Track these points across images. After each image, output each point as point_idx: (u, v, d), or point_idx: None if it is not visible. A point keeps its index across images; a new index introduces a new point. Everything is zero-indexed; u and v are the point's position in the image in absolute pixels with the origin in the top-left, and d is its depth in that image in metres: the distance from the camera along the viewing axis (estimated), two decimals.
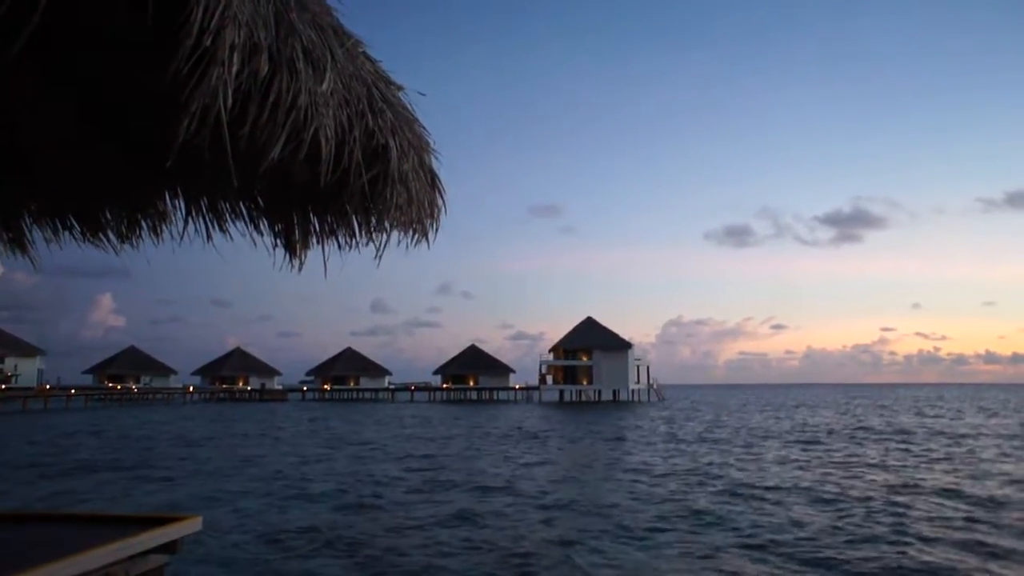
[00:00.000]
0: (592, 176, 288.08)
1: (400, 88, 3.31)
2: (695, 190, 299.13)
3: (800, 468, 18.91)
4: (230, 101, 1.80)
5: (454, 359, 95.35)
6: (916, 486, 15.55)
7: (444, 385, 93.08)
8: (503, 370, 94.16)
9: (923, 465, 19.56)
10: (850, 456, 21.94)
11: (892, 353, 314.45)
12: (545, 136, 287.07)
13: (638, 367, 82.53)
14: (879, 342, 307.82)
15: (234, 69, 1.77)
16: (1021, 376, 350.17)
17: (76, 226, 3.92)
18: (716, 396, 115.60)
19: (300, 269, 4.35)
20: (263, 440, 29.16)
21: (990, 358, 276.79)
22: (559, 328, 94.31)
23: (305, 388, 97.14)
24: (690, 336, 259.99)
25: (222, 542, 10.05)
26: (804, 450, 23.95)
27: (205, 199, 3.63)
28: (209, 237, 3.73)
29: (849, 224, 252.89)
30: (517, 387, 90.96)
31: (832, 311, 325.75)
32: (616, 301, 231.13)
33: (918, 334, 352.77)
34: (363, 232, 3.72)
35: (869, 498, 13.92)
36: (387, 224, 3.47)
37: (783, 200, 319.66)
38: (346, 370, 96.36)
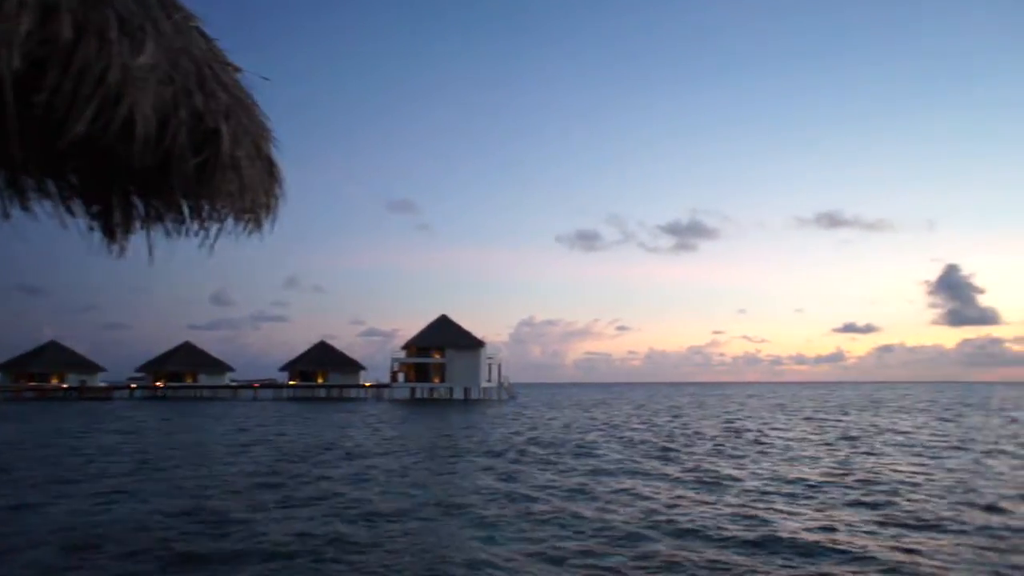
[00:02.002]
0: (450, 175, 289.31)
1: (238, 70, 3.14)
2: (549, 194, 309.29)
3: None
4: (17, 62, 1.61)
5: (303, 355, 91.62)
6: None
7: (291, 383, 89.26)
8: (354, 367, 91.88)
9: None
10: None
11: (722, 354, 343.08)
12: (404, 133, 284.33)
13: (490, 366, 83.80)
14: (711, 344, 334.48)
15: (23, 27, 1.60)
16: (823, 374, 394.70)
17: None
18: (561, 394, 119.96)
19: (121, 255, 4.01)
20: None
21: (799, 359, 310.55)
22: (413, 326, 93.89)
23: (134, 385, 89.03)
24: (541, 336, 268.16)
25: None
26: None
27: (2, 172, 3.25)
28: (7, 215, 3.35)
29: (687, 234, 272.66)
30: (367, 385, 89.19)
31: (671, 314, 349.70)
32: (471, 300, 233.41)
33: (743, 337, 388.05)
34: (193, 219, 3.49)
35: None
36: (219, 212, 3.28)
37: (630, 208, 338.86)
38: (182, 366, 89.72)
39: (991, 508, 12.94)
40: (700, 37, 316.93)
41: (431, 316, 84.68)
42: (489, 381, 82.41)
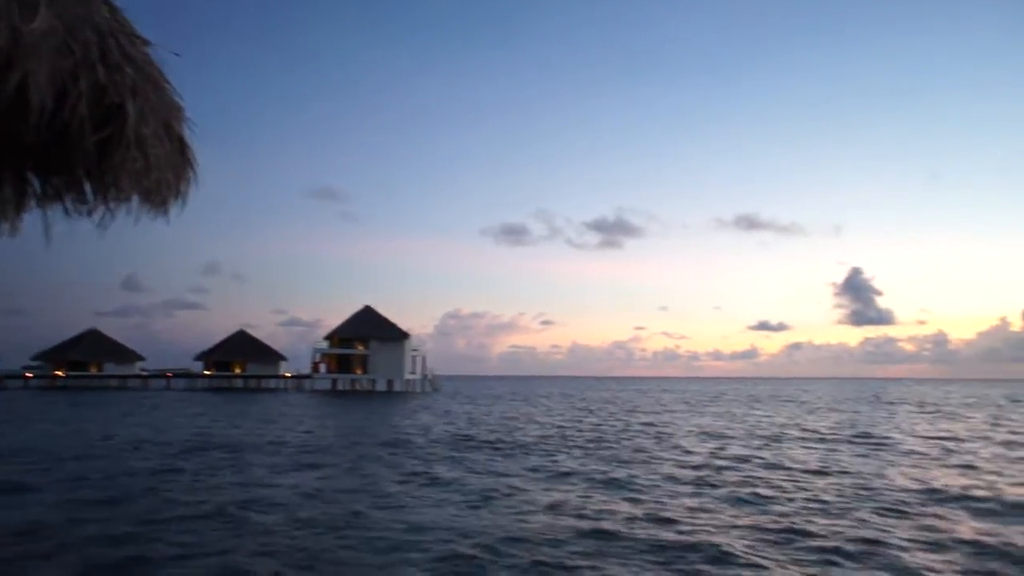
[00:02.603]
0: (377, 164, 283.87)
1: (147, 44, 2.99)
2: (477, 187, 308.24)
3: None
4: None
5: (220, 344, 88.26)
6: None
7: (206, 372, 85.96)
8: (274, 357, 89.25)
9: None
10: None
11: (643, 350, 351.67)
12: (332, 120, 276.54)
13: (415, 357, 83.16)
14: (633, 339, 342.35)
15: None
16: (737, 370, 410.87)
17: None
18: (484, 386, 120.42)
19: (13, 234, 3.77)
20: None
21: (716, 355, 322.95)
22: (336, 316, 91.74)
23: (30, 375, 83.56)
24: (467, 328, 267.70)
25: None
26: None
27: None
28: None
29: (612, 231, 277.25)
30: (288, 375, 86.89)
31: (595, 309, 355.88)
32: (396, 291, 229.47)
33: (664, 333, 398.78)
34: (96, 199, 3.31)
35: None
36: (124, 192, 3.12)
37: (557, 204, 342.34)
38: (87, 354, 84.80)
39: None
40: (630, 38, 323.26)
41: (355, 306, 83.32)
42: (413, 373, 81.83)
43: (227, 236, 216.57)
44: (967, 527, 11.19)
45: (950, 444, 24.24)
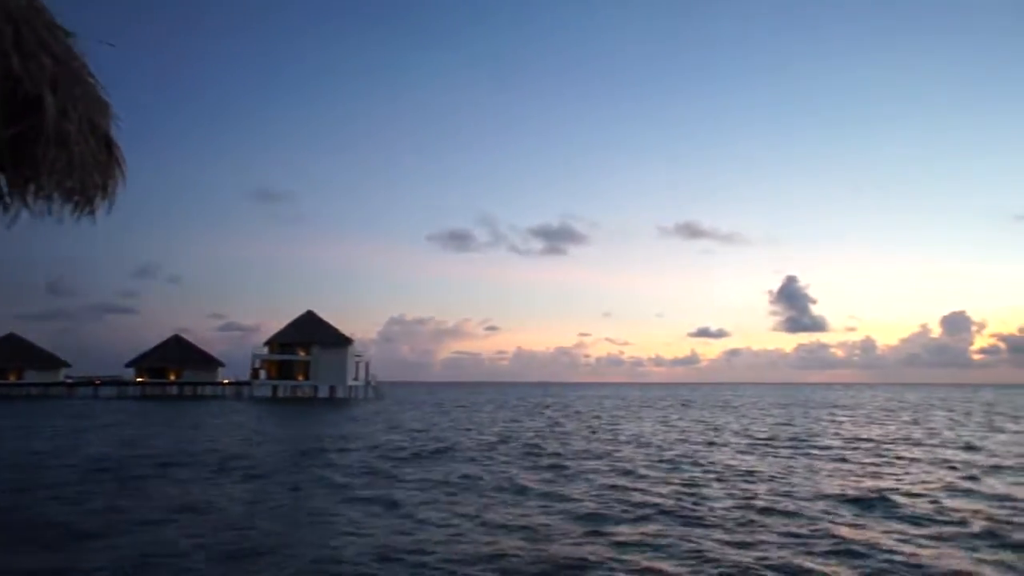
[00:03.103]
0: (321, 167, 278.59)
1: (69, 35, 2.83)
2: (422, 192, 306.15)
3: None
4: None
5: (154, 350, 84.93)
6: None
7: (138, 380, 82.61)
8: (212, 363, 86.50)
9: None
10: None
11: (587, 355, 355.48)
12: (274, 120, 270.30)
13: (358, 363, 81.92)
14: (577, 345, 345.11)
15: None
16: (678, 376, 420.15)
17: None
18: (427, 393, 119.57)
19: None
20: None
21: (658, 361, 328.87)
22: (278, 321, 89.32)
23: None
24: (411, 334, 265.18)
25: None
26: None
27: None
28: None
29: (557, 238, 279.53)
30: (226, 382, 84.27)
31: (539, 316, 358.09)
32: (339, 296, 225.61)
33: (607, 339, 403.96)
34: (12, 197, 3.11)
35: None
36: (43, 190, 2.94)
37: (502, 210, 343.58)
38: (5, 361, 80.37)
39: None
40: (576, 46, 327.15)
41: (297, 311, 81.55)
42: (356, 379, 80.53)
43: (162, 238, 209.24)
44: (866, 531, 11.68)
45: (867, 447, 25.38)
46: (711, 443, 26.69)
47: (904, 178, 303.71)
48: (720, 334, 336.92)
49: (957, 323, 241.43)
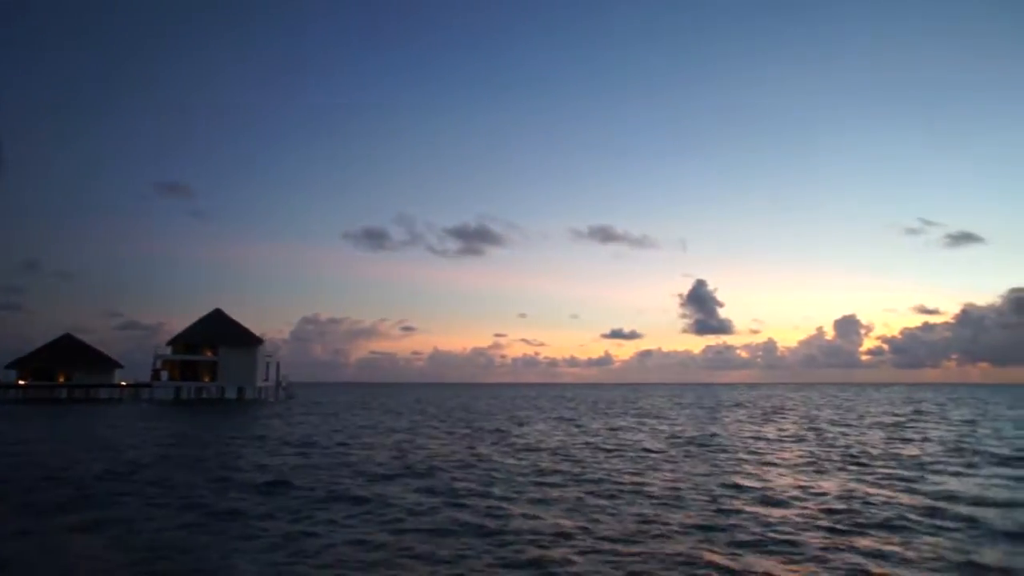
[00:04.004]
0: (230, 160, 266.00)
1: None
2: (337, 189, 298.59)
3: None
4: None
5: (40, 350, 78.49)
6: None
7: (20, 382, 76.21)
8: (107, 365, 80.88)
9: None
10: None
11: (503, 356, 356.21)
12: (179, 110, 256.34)
13: (268, 364, 78.97)
14: (493, 346, 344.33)
15: None
16: (592, 376, 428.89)
17: None
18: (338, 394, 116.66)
19: None
20: None
21: (573, 362, 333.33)
22: (183, 320, 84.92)
23: None
24: (325, 334, 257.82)
25: None
26: None
27: None
28: None
29: (474, 239, 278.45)
30: (123, 384, 79.02)
31: (456, 316, 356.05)
32: (251, 294, 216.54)
33: (523, 340, 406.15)
34: None
35: None
36: None
37: (419, 210, 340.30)
38: None
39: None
40: (490, 47, 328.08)
41: (204, 310, 77.60)
42: (266, 380, 77.48)
43: (51, 230, 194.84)
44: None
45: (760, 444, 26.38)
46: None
47: (807, 191, 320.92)
48: (633, 335, 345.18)
49: (848, 326, 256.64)
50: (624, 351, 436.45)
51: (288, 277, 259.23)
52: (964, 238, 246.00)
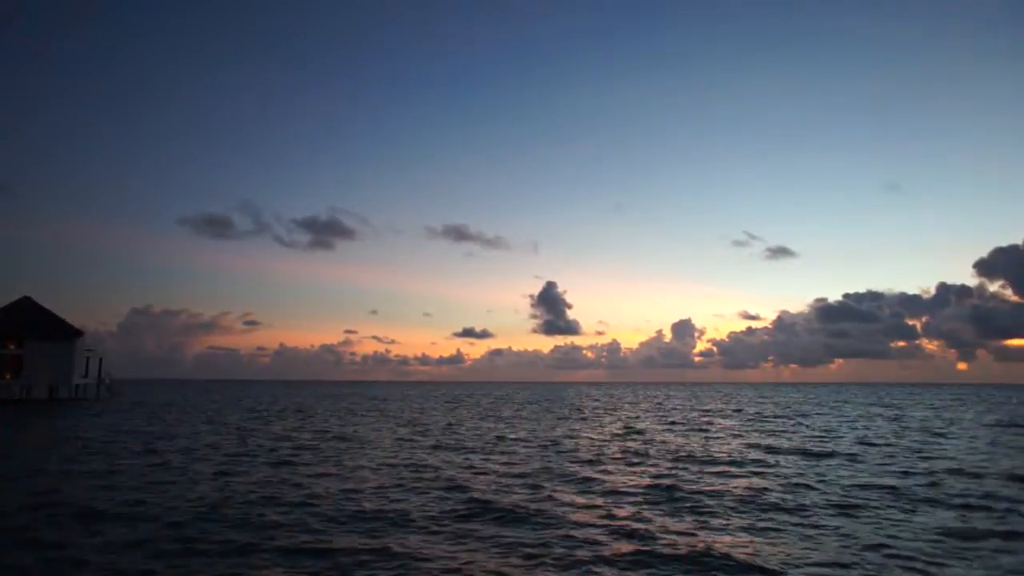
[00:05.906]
0: (43, 131, 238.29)
1: None
2: (175, 170, 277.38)
3: None
4: None
5: None
6: None
7: None
8: None
9: None
10: None
11: (353, 353, 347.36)
12: None
13: (88, 359, 71.21)
14: (343, 343, 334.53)
15: None
16: (444, 375, 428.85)
17: None
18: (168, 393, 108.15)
19: None
20: None
21: (424, 360, 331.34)
22: None
23: None
24: (159, 327, 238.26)
25: None
26: None
27: None
28: None
29: (324, 232, 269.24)
30: None
31: (304, 311, 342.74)
32: (70, 283, 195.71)
33: (374, 337, 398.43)
34: None
35: None
36: None
37: (265, 198, 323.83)
38: None
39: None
40: (353, 40, 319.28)
41: (8, 298, 68.34)
42: (85, 377, 69.69)
43: None
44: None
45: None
46: None
47: (648, 201, 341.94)
48: (484, 334, 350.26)
49: (683, 329, 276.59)
50: (476, 350, 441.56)
51: (116, 263, 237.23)
52: (781, 252, 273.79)
